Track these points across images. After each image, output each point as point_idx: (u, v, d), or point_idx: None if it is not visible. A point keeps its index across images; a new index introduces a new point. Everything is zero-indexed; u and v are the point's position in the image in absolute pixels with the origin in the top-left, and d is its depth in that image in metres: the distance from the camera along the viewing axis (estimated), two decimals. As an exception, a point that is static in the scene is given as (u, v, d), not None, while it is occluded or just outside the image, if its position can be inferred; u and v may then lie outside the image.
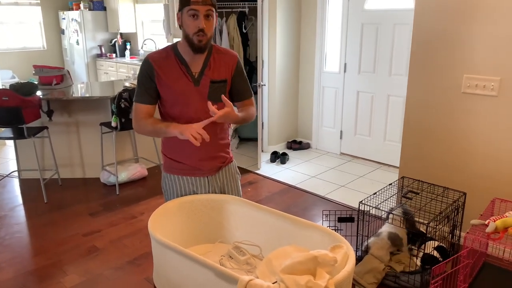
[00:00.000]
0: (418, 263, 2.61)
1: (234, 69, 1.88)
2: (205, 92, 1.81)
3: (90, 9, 7.63)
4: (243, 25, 5.08)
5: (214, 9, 1.71)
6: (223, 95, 1.72)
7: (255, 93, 4.74)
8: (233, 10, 5.05)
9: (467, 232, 2.21)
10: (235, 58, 1.89)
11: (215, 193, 1.97)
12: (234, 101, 1.94)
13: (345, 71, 4.82)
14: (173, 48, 1.82)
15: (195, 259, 1.48)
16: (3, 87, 4.68)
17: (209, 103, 1.67)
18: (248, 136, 5.54)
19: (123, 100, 3.79)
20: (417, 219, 2.71)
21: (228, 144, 1.99)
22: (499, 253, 2.81)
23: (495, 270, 2.45)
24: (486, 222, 2.21)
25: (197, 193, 1.95)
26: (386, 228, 2.76)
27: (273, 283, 1.35)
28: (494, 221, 2.16)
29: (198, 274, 1.49)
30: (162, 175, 1.99)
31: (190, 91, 1.80)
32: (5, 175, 4.33)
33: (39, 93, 3.97)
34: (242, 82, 1.92)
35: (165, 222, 1.83)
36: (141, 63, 2.09)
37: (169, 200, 1.98)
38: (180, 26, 1.75)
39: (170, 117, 1.84)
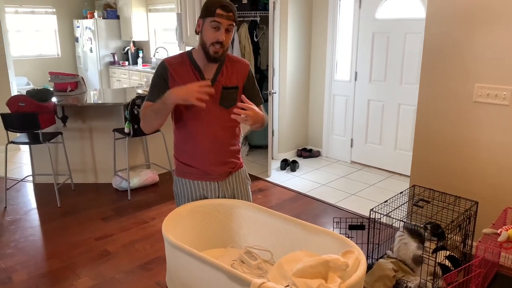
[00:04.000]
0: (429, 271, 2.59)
1: (246, 77, 1.94)
2: (216, 98, 1.86)
3: (104, 18, 7.77)
4: (255, 33, 5.13)
5: (234, 24, 1.78)
6: (243, 95, 1.77)
7: (266, 100, 4.77)
8: (244, 19, 5.11)
9: (479, 241, 2.20)
10: (247, 67, 1.95)
11: (225, 198, 2.00)
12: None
13: (355, 79, 4.84)
14: (188, 54, 1.88)
15: (208, 262, 1.50)
16: (19, 93, 4.78)
17: (243, 96, 1.76)
18: (258, 144, 5.56)
19: (136, 107, 3.85)
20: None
21: (238, 150, 2.02)
22: (512, 263, 2.78)
23: (508, 280, 2.42)
24: (499, 231, 2.20)
25: (207, 197, 1.98)
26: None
27: (285, 287, 1.36)
28: (507, 230, 2.15)
29: (211, 277, 1.51)
30: (174, 179, 2.03)
31: None
32: (19, 180, 4.41)
33: (54, 99, 4.05)
34: (253, 89, 1.98)
35: (177, 227, 1.85)
36: (153, 70, 2.14)
37: (180, 204, 2.01)
38: (197, 32, 1.80)
39: (182, 121, 1.89)
